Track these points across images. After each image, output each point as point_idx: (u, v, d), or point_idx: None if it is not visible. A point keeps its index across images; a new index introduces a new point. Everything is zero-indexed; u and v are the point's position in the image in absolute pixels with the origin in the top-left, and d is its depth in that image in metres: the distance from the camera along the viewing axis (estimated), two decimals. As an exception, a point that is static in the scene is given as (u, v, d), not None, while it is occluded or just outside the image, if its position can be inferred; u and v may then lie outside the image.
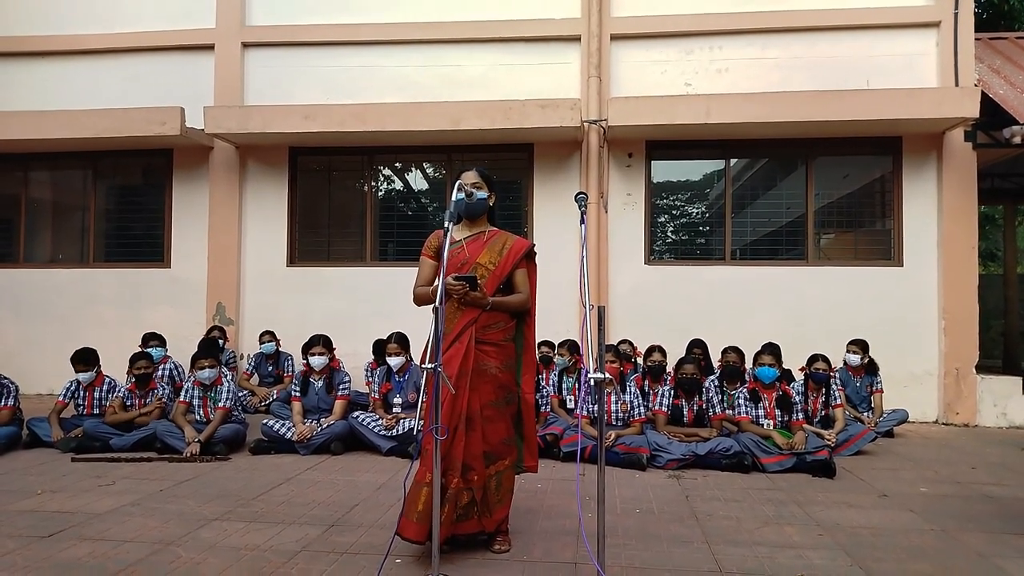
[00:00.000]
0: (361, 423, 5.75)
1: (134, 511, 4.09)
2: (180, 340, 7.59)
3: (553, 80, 8.16)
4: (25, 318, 8.78)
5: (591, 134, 7.97)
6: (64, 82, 8.86)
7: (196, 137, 8.20)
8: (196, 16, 8.62)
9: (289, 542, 3.58)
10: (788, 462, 5.25)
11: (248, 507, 4.20)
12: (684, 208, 8.57)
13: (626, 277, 8.04)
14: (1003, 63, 8.48)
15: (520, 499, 4.24)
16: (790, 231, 8.19)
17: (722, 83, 7.97)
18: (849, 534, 3.83)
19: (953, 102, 7.17)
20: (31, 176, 9.16)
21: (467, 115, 7.62)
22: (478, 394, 3.37)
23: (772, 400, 5.60)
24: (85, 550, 3.44)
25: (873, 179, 8.17)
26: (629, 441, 5.40)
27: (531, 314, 3.64)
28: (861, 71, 7.77)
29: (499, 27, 8.23)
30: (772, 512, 4.23)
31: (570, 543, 3.60)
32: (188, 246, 8.61)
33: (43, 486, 4.63)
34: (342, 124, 7.79)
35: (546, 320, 6.43)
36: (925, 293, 7.66)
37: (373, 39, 8.40)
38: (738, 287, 7.89)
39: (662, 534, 3.78)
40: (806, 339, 7.00)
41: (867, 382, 6.80)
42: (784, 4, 7.96)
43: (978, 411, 7.50)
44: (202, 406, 5.81)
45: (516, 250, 3.56)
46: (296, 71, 8.53)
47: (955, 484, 5.00)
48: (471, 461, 3.34)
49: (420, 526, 3.23)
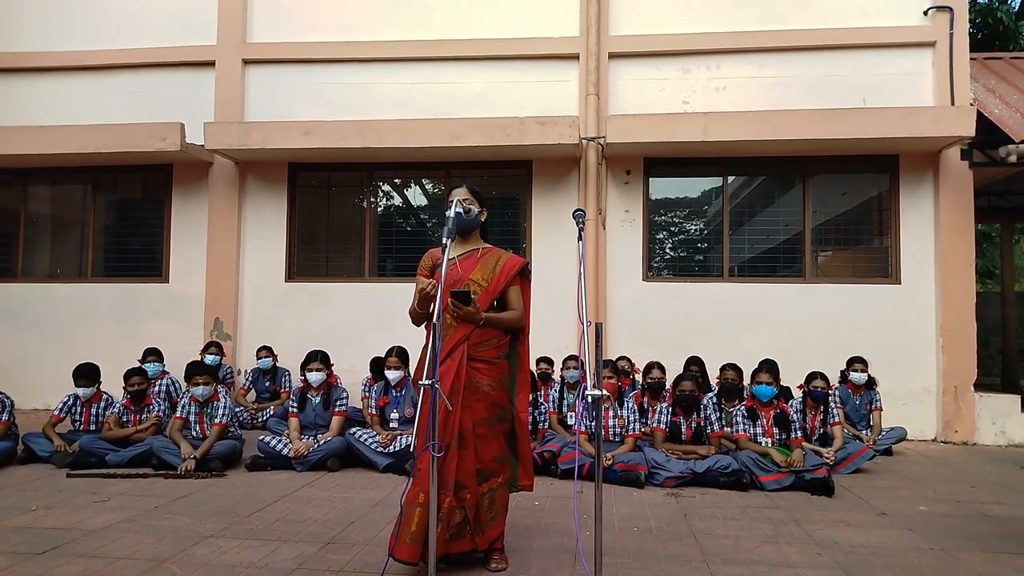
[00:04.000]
0: (358, 440, 5.73)
1: (129, 528, 4.07)
2: (178, 355, 7.55)
3: (552, 98, 8.21)
4: (23, 332, 8.76)
5: (589, 151, 8.01)
6: (64, 97, 8.90)
7: (196, 153, 8.24)
8: (197, 33, 8.68)
9: (285, 560, 3.56)
10: (786, 480, 5.23)
11: (244, 524, 4.18)
12: (682, 225, 8.60)
13: (624, 294, 8.05)
14: (998, 83, 8.55)
15: (517, 517, 4.23)
16: (788, 248, 8.22)
17: (720, 101, 8.02)
18: (847, 553, 3.81)
19: (949, 121, 7.22)
20: (30, 191, 9.19)
21: (466, 132, 7.66)
22: (470, 412, 3.36)
23: (770, 418, 5.59)
24: (79, 567, 3.42)
25: (870, 197, 8.20)
26: (627, 459, 5.38)
27: (525, 332, 3.65)
28: (858, 90, 7.82)
29: (498, 45, 8.29)
30: (770, 530, 4.22)
31: (567, 561, 3.58)
32: (187, 261, 8.61)
33: (38, 502, 4.60)
34: (342, 140, 7.82)
35: (544, 336, 6.45)
36: (923, 311, 7.67)
37: (373, 56, 8.46)
38: (736, 304, 7.90)
39: (660, 553, 3.76)
40: (804, 356, 7.00)
41: (866, 399, 6.80)
42: (782, 24, 8.03)
43: (977, 429, 7.48)
44: (198, 422, 5.79)
45: (509, 267, 3.56)
46: (296, 88, 8.58)
47: (954, 503, 4.98)
48: (464, 479, 3.33)
49: (413, 547, 3.21)
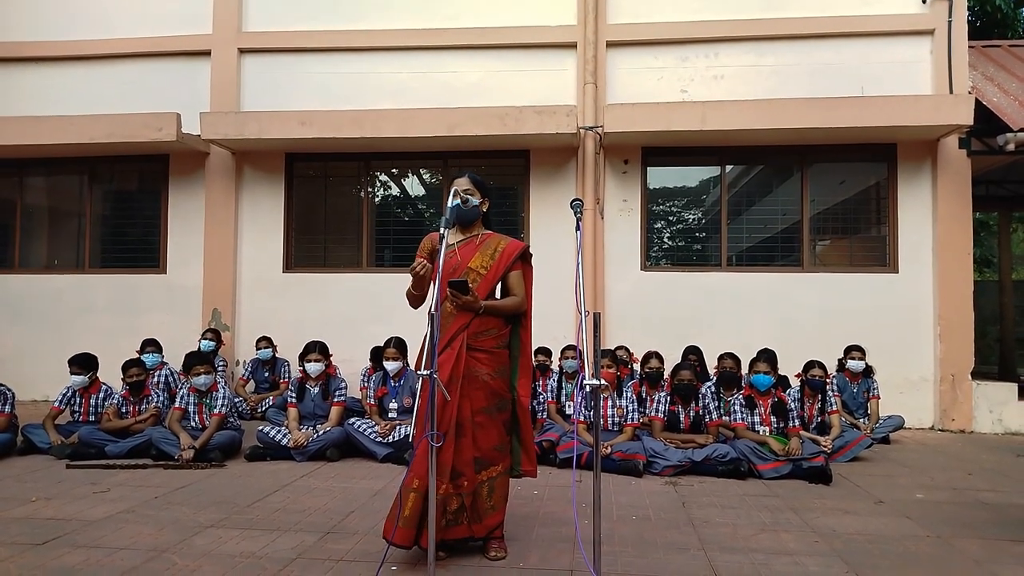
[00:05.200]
0: (357, 430, 5.74)
1: (129, 518, 4.07)
2: (176, 346, 7.55)
3: (549, 87, 8.18)
4: (21, 324, 8.75)
5: (587, 140, 7.99)
6: (60, 87, 8.85)
7: (192, 143, 8.20)
8: (193, 22, 8.62)
9: (284, 549, 3.57)
10: (784, 468, 5.25)
11: (243, 514, 4.19)
12: (680, 214, 8.59)
13: (622, 283, 8.05)
14: (996, 71, 8.53)
15: (516, 505, 4.25)
16: (786, 237, 8.22)
17: (718, 90, 7.99)
18: (845, 541, 3.83)
19: (947, 109, 7.20)
20: (27, 182, 9.15)
21: (463, 121, 7.63)
22: (469, 400, 3.36)
23: (768, 407, 5.61)
24: (79, 558, 3.43)
25: (868, 186, 8.19)
26: (626, 448, 5.39)
27: (527, 316, 3.62)
28: (856, 78, 7.79)
29: (495, 34, 8.25)
30: (768, 519, 4.23)
31: (566, 550, 3.59)
32: (184, 252, 8.59)
33: (37, 493, 4.61)
34: (339, 130, 7.80)
35: (543, 326, 6.45)
36: (921, 299, 7.68)
37: (370, 45, 8.41)
38: (734, 293, 7.90)
39: (658, 541, 3.78)
40: (802, 345, 7.02)
41: (864, 388, 6.82)
42: (780, 12, 8.00)
43: (974, 417, 7.51)
44: (197, 412, 5.79)
45: (509, 252, 3.55)
46: (293, 77, 8.54)
47: (951, 490, 5.01)
48: (461, 467, 3.34)
49: (406, 531, 3.23)
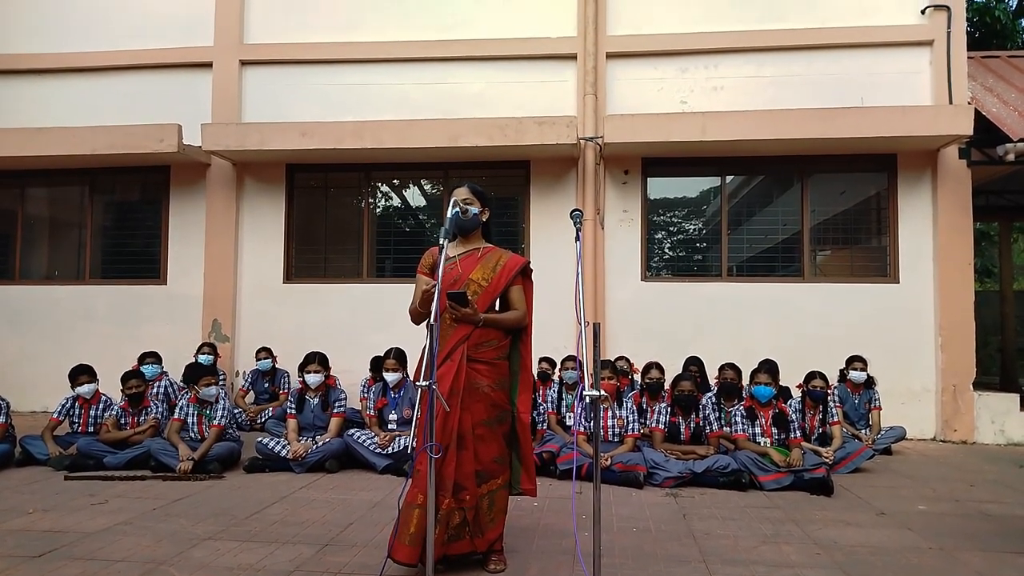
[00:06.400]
0: (356, 441, 5.72)
1: (127, 530, 4.05)
2: (176, 357, 7.54)
3: (550, 98, 8.20)
4: (21, 335, 8.74)
5: (587, 151, 8.01)
6: (62, 99, 8.88)
7: (193, 154, 8.22)
8: (194, 34, 8.67)
9: (282, 562, 3.54)
10: (786, 480, 5.22)
11: (241, 526, 4.17)
12: (680, 225, 8.59)
13: (623, 294, 8.04)
14: (996, 81, 8.56)
15: (516, 517, 4.22)
16: (786, 248, 8.21)
17: (718, 101, 8.01)
18: (847, 553, 3.81)
19: (947, 120, 7.22)
20: (28, 192, 9.17)
21: (464, 132, 7.65)
22: (470, 413, 3.34)
23: (768, 418, 5.58)
24: (76, 570, 3.41)
25: (869, 196, 8.20)
26: (626, 459, 5.37)
27: (527, 332, 3.60)
28: (856, 89, 7.81)
29: (496, 45, 8.29)
30: (770, 530, 4.21)
31: (566, 562, 3.57)
32: (185, 263, 8.59)
33: (35, 505, 4.59)
34: (339, 141, 7.81)
35: (544, 336, 6.43)
36: (921, 309, 7.66)
37: (371, 57, 8.45)
38: (735, 303, 7.89)
39: (659, 553, 3.75)
40: (803, 355, 7.00)
41: (865, 398, 6.80)
42: (779, 23, 8.03)
43: (976, 428, 7.47)
44: (197, 424, 5.78)
45: (510, 267, 3.54)
46: (294, 88, 8.57)
47: (953, 502, 4.98)
48: (463, 481, 3.32)
49: (412, 549, 3.19)
